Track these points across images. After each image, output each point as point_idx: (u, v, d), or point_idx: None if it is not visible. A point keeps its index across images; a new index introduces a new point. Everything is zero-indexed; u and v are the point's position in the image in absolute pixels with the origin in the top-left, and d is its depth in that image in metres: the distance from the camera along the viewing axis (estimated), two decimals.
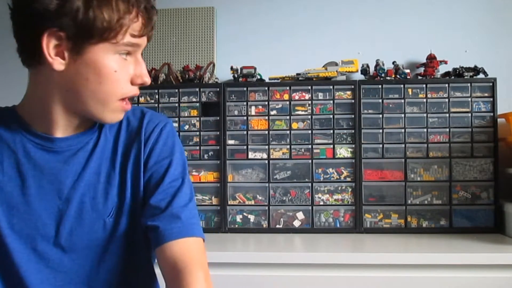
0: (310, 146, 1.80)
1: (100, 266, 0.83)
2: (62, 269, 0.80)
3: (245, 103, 1.83)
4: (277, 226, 1.80)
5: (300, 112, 1.82)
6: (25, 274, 0.78)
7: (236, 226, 1.82)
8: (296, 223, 1.80)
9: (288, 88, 1.82)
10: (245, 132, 1.83)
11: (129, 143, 0.87)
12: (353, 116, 1.79)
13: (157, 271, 0.89)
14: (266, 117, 1.82)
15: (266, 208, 1.81)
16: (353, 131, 1.79)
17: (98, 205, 0.83)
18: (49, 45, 0.72)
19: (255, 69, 1.86)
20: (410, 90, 1.78)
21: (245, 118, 1.83)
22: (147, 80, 0.82)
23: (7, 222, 0.77)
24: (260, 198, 1.82)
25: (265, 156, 1.82)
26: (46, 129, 0.81)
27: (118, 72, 0.77)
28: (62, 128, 0.82)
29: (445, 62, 1.84)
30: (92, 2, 0.71)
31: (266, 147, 1.82)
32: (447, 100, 1.77)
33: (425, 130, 1.76)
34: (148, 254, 0.90)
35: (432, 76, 1.82)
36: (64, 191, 0.81)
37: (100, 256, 0.83)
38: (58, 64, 0.73)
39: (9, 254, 0.77)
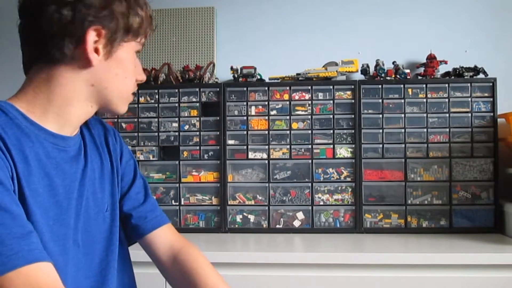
0: (310, 146, 1.80)
1: (108, 257, 0.87)
2: (79, 265, 0.81)
3: (245, 103, 1.83)
4: (277, 226, 1.80)
5: (300, 112, 1.82)
6: (65, 277, 0.76)
7: (236, 226, 1.82)
8: (296, 223, 1.80)
9: (288, 88, 1.82)
10: (245, 132, 1.83)
11: (103, 142, 0.94)
12: (353, 116, 1.79)
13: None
14: (266, 117, 1.82)
15: (266, 208, 1.81)
16: (353, 131, 1.79)
17: (98, 200, 0.87)
18: (90, 41, 0.76)
19: (255, 69, 1.86)
20: (410, 90, 1.78)
21: (245, 118, 1.83)
22: (145, 77, 0.90)
23: (47, 226, 0.75)
24: (260, 198, 1.82)
25: (265, 156, 1.82)
26: (57, 128, 0.81)
27: (137, 68, 0.86)
28: (72, 127, 0.82)
29: (445, 62, 1.84)
30: (132, 3, 0.80)
31: (266, 147, 1.82)
32: (447, 100, 1.77)
33: (425, 130, 1.77)
34: (126, 239, 0.97)
35: (432, 76, 1.82)
36: (77, 189, 0.83)
37: (106, 248, 0.87)
38: (96, 59, 0.77)
39: (51, 260, 0.74)
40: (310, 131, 1.81)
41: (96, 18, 0.75)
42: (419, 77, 1.86)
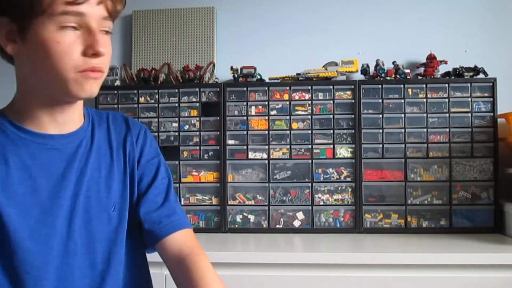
0: (310, 146, 1.80)
1: (110, 258, 0.85)
2: (77, 264, 0.81)
3: (245, 103, 1.83)
4: (277, 226, 1.80)
5: (300, 112, 1.82)
6: (45, 275, 0.78)
7: (236, 226, 1.82)
8: (296, 223, 1.80)
9: (288, 88, 1.82)
10: (245, 132, 1.83)
11: (121, 142, 0.92)
12: (353, 116, 1.79)
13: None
14: (266, 117, 1.82)
15: (266, 208, 1.81)
16: (353, 131, 1.79)
17: (102, 199, 0.86)
18: (1, 33, 0.76)
19: (255, 69, 1.86)
20: (410, 90, 1.78)
21: (245, 118, 1.83)
22: (100, 49, 0.75)
23: (25, 225, 0.77)
24: (260, 198, 1.82)
25: (265, 156, 1.82)
26: (46, 128, 0.82)
27: (62, 44, 0.73)
28: (51, 125, 0.82)
29: (445, 62, 1.84)
30: None
31: (266, 147, 1.82)
32: (447, 100, 1.77)
33: (425, 130, 1.77)
34: (142, 244, 0.95)
35: (432, 76, 1.82)
36: (71, 188, 0.82)
37: (110, 249, 0.86)
38: (11, 48, 0.76)
39: (28, 258, 0.76)
40: (310, 131, 1.81)
41: None
42: (419, 77, 1.86)
